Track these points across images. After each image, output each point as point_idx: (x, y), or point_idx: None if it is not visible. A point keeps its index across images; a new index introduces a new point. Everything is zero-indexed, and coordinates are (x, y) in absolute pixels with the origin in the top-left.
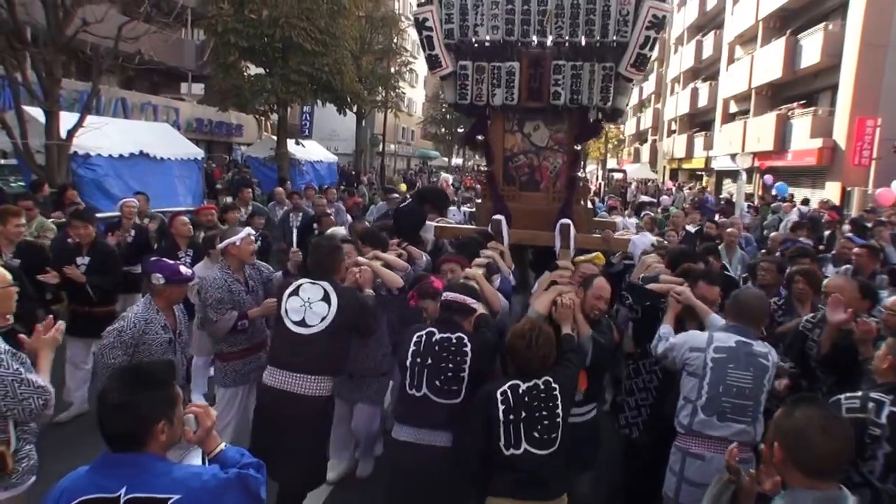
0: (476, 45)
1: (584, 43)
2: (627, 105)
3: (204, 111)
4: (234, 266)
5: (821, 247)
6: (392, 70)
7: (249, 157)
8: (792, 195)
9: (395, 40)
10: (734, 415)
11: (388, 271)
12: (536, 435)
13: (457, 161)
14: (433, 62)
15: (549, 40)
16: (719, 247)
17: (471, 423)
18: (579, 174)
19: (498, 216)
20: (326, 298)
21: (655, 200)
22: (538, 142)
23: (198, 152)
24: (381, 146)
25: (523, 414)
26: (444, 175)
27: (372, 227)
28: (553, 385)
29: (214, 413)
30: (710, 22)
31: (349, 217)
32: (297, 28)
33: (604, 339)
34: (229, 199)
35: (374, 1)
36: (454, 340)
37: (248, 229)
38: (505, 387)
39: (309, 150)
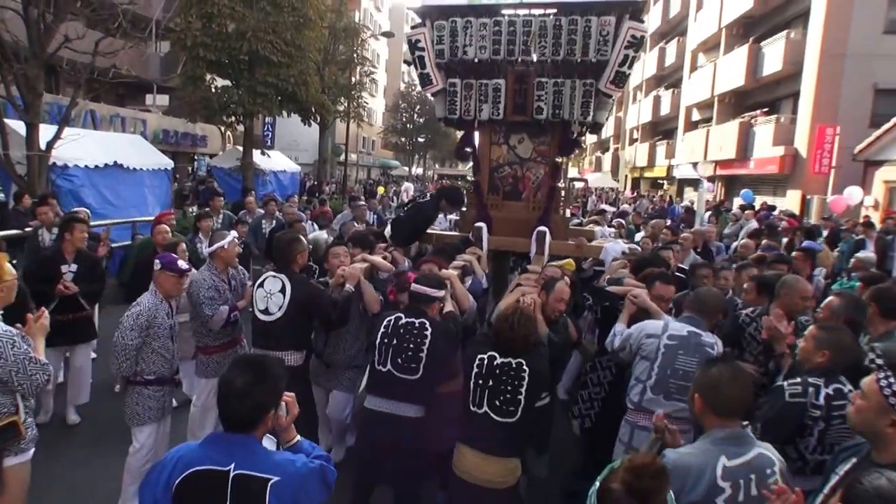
0: (464, 63)
1: (565, 61)
2: (606, 119)
3: (170, 122)
4: (221, 267)
5: None
6: (353, 80)
7: (214, 168)
8: (766, 203)
9: (356, 51)
10: (678, 395)
11: (373, 294)
12: (497, 403)
13: (417, 170)
14: (424, 80)
15: (534, 58)
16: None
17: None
18: (559, 185)
19: (479, 223)
20: (283, 290)
21: (616, 209)
22: (522, 154)
23: (167, 163)
24: (343, 156)
25: (490, 382)
26: (406, 184)
27: (361, 231)
28: (524, 368)
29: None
30: (673, 29)
31: (315, 226)
32: (264, 41)
33: (558, 337)
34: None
35: (336, 12)
36: (417, 324)
37: (234, 233)
38: (485, 355)
39: (273, 160)
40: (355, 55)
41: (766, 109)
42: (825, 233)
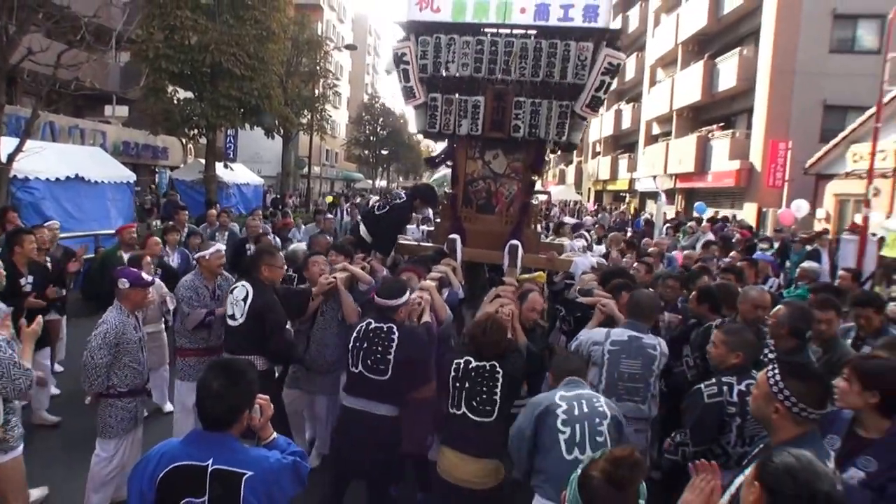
0: (446, 79)
1: (543, 82)
2: (580, 139)
3: (130, 134)
4: (206, 274)
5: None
6: (316, 93)
7: (177, 180)
8: (727, 216)
9: (319, 63)
10: (628, 395)
11: (352, 305)
12: (474, 404)
13: (381, 183)
14: (408, 93)
15: (513, 77)
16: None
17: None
18: (532, 200)
19: (453, 235)
20: (246, 297)
21: (579, 221)
22: (496, 169)
23: (129, 175)
24: (306, 169)
25: (467, 384)
26: (373, 199)
27: (339, 241)
28: (498, 370)
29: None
30: (632, 44)
31: (278, 239)
32: (227, 54)
33: (535, 347)
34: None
35: (299, 24)
36: (385, 329)
37: (219, 246)
38: (461, 359)
39: (236, 173)
40: (318, 67)
41: (722, 124)
42: (776, 245)
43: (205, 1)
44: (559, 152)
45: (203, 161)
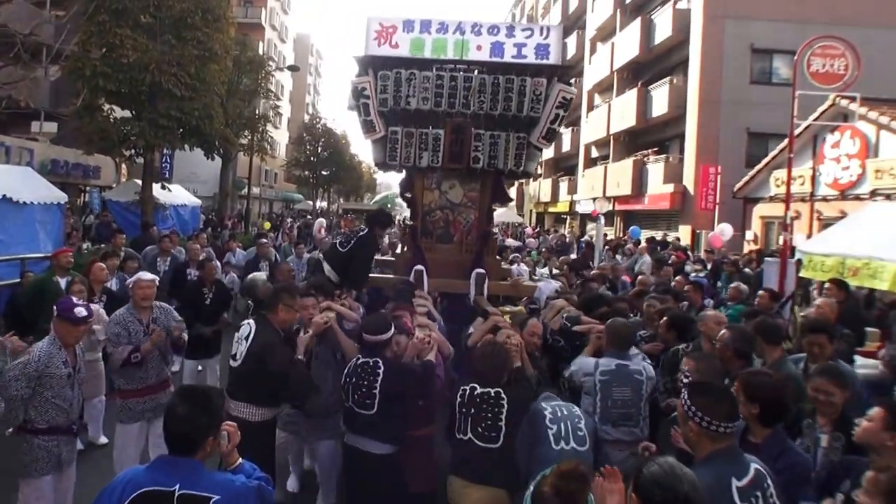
0: (406, 112)
1: (500, 115)
2: (536, 169)
3: (60, 152)
4: (136, 307)
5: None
6: (258, 113)
7: (110, 201)
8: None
9: (261, 83)
10: (622, 421)
11: (349, 342)
12: (480, 430)
13: (321, 204)
14: (368, 126)
15: (472, 111)
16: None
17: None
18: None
19: (419, 267)
20: (248, 335)
21: (521, 244)
22: (453, 199)
23: (60, 196)
24: (245, 189)
25: (472, 410)
26: (319, 220)
27: (316, 278)
28: (503, 396)
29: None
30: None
31: (218, 263)
32: (168, 73)
33: (541, 376)
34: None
35: (241, 44)
36: (371, 364)
37: (139, 275)
38: (466, 386)
39: (173, 194)
40: (260, 88)
41: (656, 149)
42: (709, 265)
43: (145, 20)
44: (513, 180)
45: (138, 181)
